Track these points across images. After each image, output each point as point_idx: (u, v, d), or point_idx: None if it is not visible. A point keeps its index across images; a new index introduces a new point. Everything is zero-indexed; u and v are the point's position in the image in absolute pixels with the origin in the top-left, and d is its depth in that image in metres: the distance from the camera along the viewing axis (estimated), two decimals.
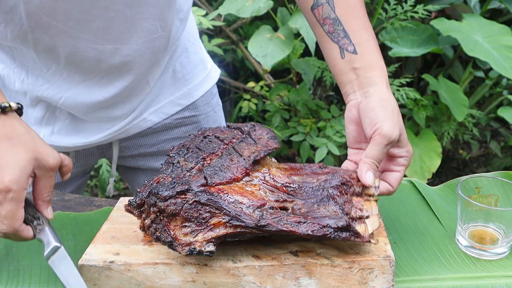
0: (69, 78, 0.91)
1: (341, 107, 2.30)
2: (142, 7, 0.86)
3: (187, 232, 0.64)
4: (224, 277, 0.67)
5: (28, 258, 0.77)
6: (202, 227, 0.64)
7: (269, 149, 0.74)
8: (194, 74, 1.07)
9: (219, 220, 0.65)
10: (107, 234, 0.74)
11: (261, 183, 0.70)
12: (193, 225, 0.65)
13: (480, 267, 0.74)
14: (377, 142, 0.72)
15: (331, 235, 0.65)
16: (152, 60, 0.93)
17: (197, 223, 0.65)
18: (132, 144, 1.05)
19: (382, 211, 0.80)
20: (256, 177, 0.71)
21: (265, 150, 0.73)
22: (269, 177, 0.71)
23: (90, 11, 0.82)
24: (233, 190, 0.67)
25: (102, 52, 0.87)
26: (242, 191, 0.68)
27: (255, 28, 2.29)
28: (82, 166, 1.07)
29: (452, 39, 1.98)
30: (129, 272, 0.67)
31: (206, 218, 0.64)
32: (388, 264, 0.67)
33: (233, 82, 2.49)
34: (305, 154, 2.06)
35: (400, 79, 1.99)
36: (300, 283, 0.67)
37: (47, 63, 0.89)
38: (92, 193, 2.47)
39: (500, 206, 0.79)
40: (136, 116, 1.01)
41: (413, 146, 2.00)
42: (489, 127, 2.49)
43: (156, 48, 0.92)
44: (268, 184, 0.70)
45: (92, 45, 0.86)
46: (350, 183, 0.72)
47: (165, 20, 0.89)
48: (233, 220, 0.64)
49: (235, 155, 0.72)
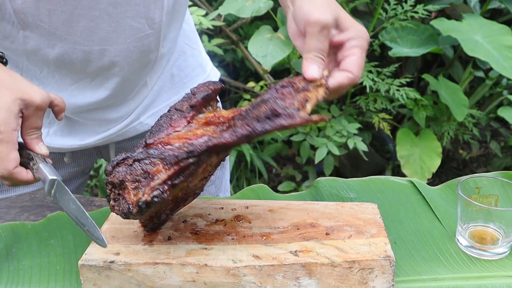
0: (61, 80, 0.90)
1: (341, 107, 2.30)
2: (127, 6, 0.84)
3: (136, 192, 0.65)
4: (224, 277, 0.67)
5: (28, 258, 0.77)
6: (147, 181, 0.65)
7: (208, 91, 0.73)
8: (192, 78, 1.06)
9: (158, 167, 0.65)
10: (107, 234, 0.74)
11: (204, 126, 0.70)
12: (140, 184, 0.65)
13: (480, 267, 0.74)
14: (310, 33, 0.68)
15: (256, 130, 0.63)
16: (142, 60, 0.92)
17: (143, 180, 0.65)
18: (129, 145, 1.05)
19: (382, 211, 0.80)
20: (199, 121, 0.71)
21: (203, 92, 0.73)
22: (213, 118, 0.71)
23: (74, 11, 0.81)
24: (172, 138, 0.68)
25: (90, 54, 0.86)
26: (182, 136, 0.68)
27: (255, 28, 2.29)
28: (80, 166, 1.07)
29: (452, 39, 1.98)
30: (129, 272, 0.67)
31: (149, 171, 0.65)
32: (388, 264, 0.67)
33: (233, 82, 2.49)
34: (305, 154, 2.06)
35: (400, 79, 1.99)
36: (300, 283, 0.67)
37: (39, 65, 0.89)
38: (92, 193, 2.47)
39: (500, 206, 0.79)
40: (133, 120, 1.01)
41: (413, 146, 2.01)
42: (489, 127, 2.49)
43: (145, 47, 0.90)
44: (212, 123, 0.70)
45: (79, 47, 0.85)
46: (291, 83, 0.68)
47: (151, 18, 0.88)
48: (167, 159, 0.64)
49: (175, 113, 0.72)
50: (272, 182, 2.51)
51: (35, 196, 0.96)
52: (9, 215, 0.90)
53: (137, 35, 0.88)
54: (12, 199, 0.96)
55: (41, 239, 0.80)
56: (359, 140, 1.94)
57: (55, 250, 0.78)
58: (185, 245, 0.71)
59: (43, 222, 0.83)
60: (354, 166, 2.33)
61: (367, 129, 2.39)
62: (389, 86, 1.94)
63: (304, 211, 0.78)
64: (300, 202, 0.81)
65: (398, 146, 2.01)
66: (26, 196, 0.96)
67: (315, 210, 0.78)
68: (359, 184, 0.91)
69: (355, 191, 0.90)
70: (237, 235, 0.73)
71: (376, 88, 1.94)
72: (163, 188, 0.64)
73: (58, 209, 0.89)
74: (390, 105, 2.07)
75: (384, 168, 2.33)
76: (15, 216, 0.89)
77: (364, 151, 1.97)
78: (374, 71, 1.98)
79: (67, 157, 1.03)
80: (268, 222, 0.76)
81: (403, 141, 2.03)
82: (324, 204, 0.80)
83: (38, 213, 0.90)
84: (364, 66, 0.71)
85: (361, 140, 1.96)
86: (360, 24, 0.73)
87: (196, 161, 0.64)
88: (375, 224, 0.74)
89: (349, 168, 2.34)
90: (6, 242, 0.79)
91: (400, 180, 0.92)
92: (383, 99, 2.05)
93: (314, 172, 2.28)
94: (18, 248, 0.79)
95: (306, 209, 0.79)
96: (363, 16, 2.37)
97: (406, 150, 2.01)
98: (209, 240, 0.72)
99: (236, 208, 0.80)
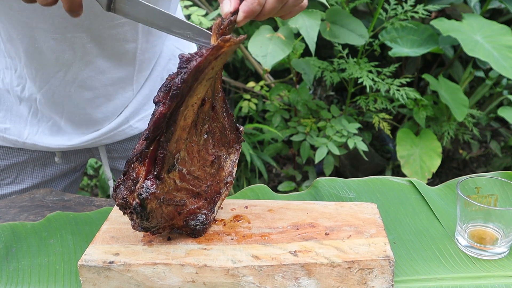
0: (36, 77, 0.90)
1: (341, 107, 2.30)
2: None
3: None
4: (224, 277, 0.67)
5: (28, 258, 0.77)
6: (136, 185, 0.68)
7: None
8: None
9: (137, 169, 0.67)
10: (107, 234, 0.74)
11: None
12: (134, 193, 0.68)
13: (480, 267, 0.74)
14: None
15: (176, 84, 0.62)
16: (118, 50, 0.90)
17: (134, 187, 0.67)
18: (119, 147, 1.06)
19: (382, 211, 0.80)
20: None
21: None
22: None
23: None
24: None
25: (61, 43, 0.85)
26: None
27: (255, 28, 2.29)
28: (71, 163, 1.07)
29: (452, 39, 1.99)
30: (129, 272, 0.67)
31: (135, 177, 0.68)
32: (388, 264, 0.67)
33: (233, 82, 2.49)
34: (305, 154, 2.06)
35: (400, 79, 1.99)
36: (299, 283, 0.67)
37: (14, 59, 0.88)
38: (92, 193, 2.47)
39: (499, 206, 0.79)
40: (121, 123, 1.00)
41: (413, 146, 2.01)
42: (489, 127, 2.49)
43: (120, 36, 0.88)
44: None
45: (51, 35, 0.83)
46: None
47: None
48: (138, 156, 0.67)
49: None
50: (272, 182, 2.51)
51: (35, 196, 0.96)
52: (9, 215, 0.90)
53: (111, 23, 0.86)
54: (11, 199, 0.96)
55: (40, 239, 0.80)
56: (359, 140, 1.94)
57: (54, 250, 0.78)
58: (184, 245, 0.71)
59: (43, 222, 0.83)
60: (354, 166, 2.33)
61: (367, 129, 2.39)
62: (389, 86, 1.94)
63: (304, 211, 0.78)
64: (299, 202, 0.81)
65: (398, 146, 2.02)
66: (26, 196, 0.96)
67: (314, 210, 0.78)
68: (358, 184, 0.91)
69: (354, 191, 0.90)
70: (237, 235, 0.73)
71: (376, 88, 1.94)
72: (146, 184, 0.65)
73: (58, 209, 0.89)
74: (390, 105, 2.07)
75: (384, 168, 2.34)
76: (14, 216, 0.89)
77: (364, 151, 1.97)
78: (374, 71, 1.98)
79: (58, 157, 1.03)
80: (267, 222, 0.76)
81: (403, 141, 2.03)
82: (324, 204, 0.80)
83: (37, 213, 0.90)
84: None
85: (361, 140, 1.96)
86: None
87: (156, 146, 0.66)
88: (375, 224, 0.74)
89: (349, 168, 2.34)
90: (6, 242, 0.79)
91: (400, 180, 0.92)
92: (383, 99, 2.05)
93: (314, 172, 2.28)
94: (17, 248, 0.79)
95: (305, 209, 0.79)
96: (363, 16, 2.37)
97: (406, 150, 2.01)
98: (209, 240, 0.72)
99: (235, 208, 0.80)
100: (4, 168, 1.01)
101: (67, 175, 1.09)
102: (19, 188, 1.03)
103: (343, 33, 1.81)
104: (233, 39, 0.61)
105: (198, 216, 0.73)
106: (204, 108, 0.70)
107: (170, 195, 0.69)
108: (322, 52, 2.46)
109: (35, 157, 1.02)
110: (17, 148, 1.00)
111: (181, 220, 0.72)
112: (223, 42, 0.61)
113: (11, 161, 1.01)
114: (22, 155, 1.01)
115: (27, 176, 1.03)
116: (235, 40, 0.61)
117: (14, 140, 0.98)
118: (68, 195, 0.97)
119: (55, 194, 0.97)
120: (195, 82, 0.64)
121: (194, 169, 0.72)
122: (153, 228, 0.70)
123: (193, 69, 0.61)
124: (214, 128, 0.74)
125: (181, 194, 0.71)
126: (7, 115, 0.97)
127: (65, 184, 1.09)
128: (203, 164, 0.73)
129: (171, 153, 0.67)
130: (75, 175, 1.11)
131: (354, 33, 1.82)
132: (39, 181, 1.04)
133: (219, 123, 0.75)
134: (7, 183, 1.02)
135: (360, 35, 1.81)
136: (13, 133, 0.97)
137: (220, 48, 0.61)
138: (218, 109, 0.74)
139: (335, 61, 2.04)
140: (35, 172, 1.04)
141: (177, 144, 0.68)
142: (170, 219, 0.70)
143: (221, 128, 0.75)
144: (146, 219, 0.67)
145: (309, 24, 1.69)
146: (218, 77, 0.72)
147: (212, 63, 0.63)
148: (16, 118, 0.97)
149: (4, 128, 0.97)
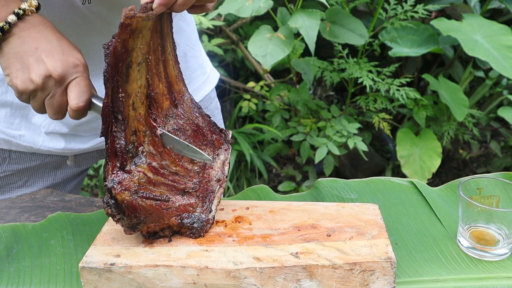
0: None
1: (341, 107, 2.30)
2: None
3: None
4: (225, 279, 0.67)
5: (29, 259, 0.77)
6: None
7: None
8: (192, 79, 1.06)
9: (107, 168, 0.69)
10: (108, 236, 0.73)
11: None
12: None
13: (482, 268, 0.74)
14: None
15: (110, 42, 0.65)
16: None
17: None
18: None
19: (383, 212, 0.80)
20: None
21: None
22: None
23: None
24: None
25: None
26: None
27: (255, 28, 2.29)
28: (81, 166, 1.07)
29: (452, 39, 1.98)
30: (130, 274, 0.67)
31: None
32: (390, 265, 0.67)
33: (233, 82, 2.48)
34: (305, 154, 2.06)
35: (400, 79, 1.99)
36: (301, 285, 0.67)
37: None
38: (92, 193, 2.46)
39: (501, 207, 0.79)
40: None
41: (413, 146, 2.01)
42: (489, 127, 2.49)
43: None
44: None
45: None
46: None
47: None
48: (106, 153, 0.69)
49: None
50: (272, 182, 2.50)
51: (36, 197, 0.96)
52: (10, 215, 0.90)
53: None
54: (12, 199, 0.96)
55: (41, 240, 0.80)
56: (359, 140, 1.94)
57: (55, 251, 0.78)
58: (185, 247, 0.71)
59: (44, 222, 0.83)
60: (354, 166, 2.32)
61: (367, 129, 2.39)
62: (389, 86, 1.94)
63: (305, 212, 0.78)
64: (300, 202, 0.81)
65: (398, 146, 2.01)
66: (27, 197, 0.96)
67: (316, 211, 0.78)
68: (359, 184, 0.91)
69: (356, 192, 0.89)
70: (238, 236, 0.73)
71: (376, 88, 1.94)
72: (112, 176, 0.67)
73: (58, 209, 0.88)
74: (390, 105, 2.07)
75: (384, 168, 2.33)
76: (15, 216, 0.89)
77: (364, 151, 1.97)
78: (374, 71, 1.98)
79: (70, 160, 1.03)
80: (268, 223, 0.76)
81: (403, 141, 2.03)
82: (325, 205, 0.80)
83: (38, 214, 0.90)
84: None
85: (361, 140, 1.96)
86: None
87: (112, 139, 0.67)
88: (376, 225, 0.74)
89: (349, 168, 2.34)
90: (7, 242, 0.79)
91: (401, 180, 0.92)
92: (383, 99, 2.05)
93: (314, 172, 2.28)
94: (18, 248, 0.79)
95: (307, 210, 0.78)
96: (363, 16, 2.37)
97: (406, 150, 2.01)
98: (210, 241, 0.72)
99: (236, 209, 0.79)
100: (16, 172, 1.00)
101: (75, 177, 1.09)
102: (29, 191, 1.02)
103: (343, 33, 1.81)
104: (139, 14, 0.63)
105: (193, 214, 0.73)
106: (164, 105, 0.73)
107: (145, 188, 0.69)
108: (322, 52, 2.46)
109: (47, 162, 1.01)
110: (30, 153, 0.99)
111: (172, 217, 0.72)
112: (128, 18, 0.62)
113: (24, 165, 1.00)
114: (35, 159, 1.00)
115: (38, 179, 1.03)
116: (141, 15, 0.63)
117: (29, 147, 0.97)
118: (68, 195, 0.97)
119: (56, 194, 0.96)
120: (123, 65, 0.65)
121: (167, 164, 0.72)
122: (140, 227, 0.70)
123: (111, 52, 0.64)
124: (183, 125, 0.75)
125: (160, 189, 0.71)
126: (22, 122, 0.96)
127: (71, 187, 1.09)
128: (179, 160, 0.74)
129: (132, 144, 0.68)
130: (82, 176, 1.11)
131: (354, 33, 1.81)
132: (49, 183, 1.04)
133: (188, 120, 0.76)
134: (18, 186, 1.02)
135: (360, 35, 1.81)
136: (27, 140, 0.96)
137: (127, 25, 0.63)
138: (186, 107, 0.76)
139: (335, 61, 2.04)
140: (46, 175, 1.03)
141: (136, 137, 0.69)
142: (158, 217, 0.70)
143: (194, 126, 0.76)
144: (123, 213, 0.67)
145: (309, 24, 1.69)
146: (167, 63, 0.73)
147: (129, 43, 0.64)
148: (31, 125, 0.96)
149: (19, 135, 0.96)
